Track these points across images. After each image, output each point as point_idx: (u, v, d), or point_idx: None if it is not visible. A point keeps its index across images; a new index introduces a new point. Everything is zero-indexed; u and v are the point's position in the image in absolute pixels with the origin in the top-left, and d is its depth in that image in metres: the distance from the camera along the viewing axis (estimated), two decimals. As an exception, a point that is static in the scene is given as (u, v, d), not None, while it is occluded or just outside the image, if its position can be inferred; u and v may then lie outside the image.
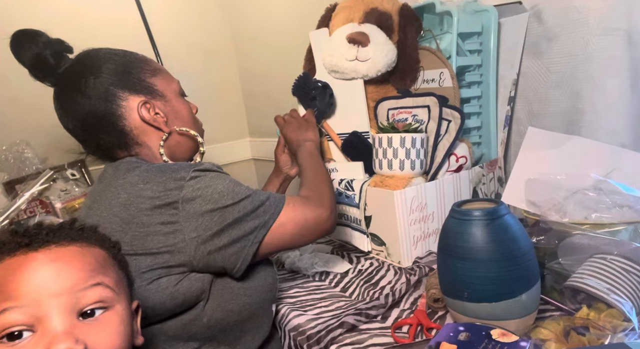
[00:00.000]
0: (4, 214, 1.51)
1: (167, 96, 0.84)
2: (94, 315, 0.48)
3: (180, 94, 0.88)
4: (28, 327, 0.44)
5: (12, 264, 0.47)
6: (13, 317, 0.44)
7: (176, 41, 1.84)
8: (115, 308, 0.50)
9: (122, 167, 0.76)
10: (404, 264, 0.96)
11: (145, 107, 0.80)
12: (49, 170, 1.57)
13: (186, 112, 0.87)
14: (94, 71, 0.78)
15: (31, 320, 0.44)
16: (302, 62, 1.19)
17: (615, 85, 0.86)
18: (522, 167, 0.88)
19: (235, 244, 0.71)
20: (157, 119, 0.81)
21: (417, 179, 0.96)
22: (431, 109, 0.99)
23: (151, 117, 0.80)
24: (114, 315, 0.50)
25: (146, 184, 0.70)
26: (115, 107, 0.78)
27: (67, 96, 0.78)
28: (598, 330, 0.56)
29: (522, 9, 1.00)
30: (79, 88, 0.77)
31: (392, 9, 1.06)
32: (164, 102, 0.83)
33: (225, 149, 2.05)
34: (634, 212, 0.68)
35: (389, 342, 0.70)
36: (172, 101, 0.85)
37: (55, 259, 0.48)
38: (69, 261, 0.48)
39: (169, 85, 0.85)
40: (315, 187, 0.86)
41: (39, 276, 0.46)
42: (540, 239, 0.73)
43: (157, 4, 1.80)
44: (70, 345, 0.43)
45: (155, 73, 0.84)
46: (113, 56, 0.81)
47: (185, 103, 0.88)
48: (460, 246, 0.63)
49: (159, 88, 0.83)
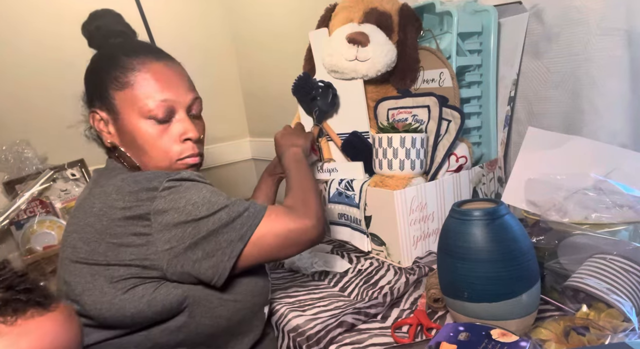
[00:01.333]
0: (4, 214, 1.51)
1: (121, 113, 0.76)
2: None
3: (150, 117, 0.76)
4: None
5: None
6: None
7: (176, 41, 1.82)
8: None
9: (104, 174, 0.77)
10: (404, 264, 0.96)
11: (93, 116, 0.79)
12: (49, 170, 1.57)
13: (142, 136, 0.76)
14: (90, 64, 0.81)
15: None
16: (302, 62, 1.19)
17: (615, 85, 0.86)
18: (522, 167, 0.88)
19: (210, 258, 0.68)
20: (102, 131, 0.79)
21: (417, 179, 0.96)
22: (431, 109, 0.99)
23: (97, 126, 0.80)
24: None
25: (118, 194, 0.68)
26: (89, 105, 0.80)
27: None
28: (598, 330, 0.56)
29: (522, 9, 1.00)
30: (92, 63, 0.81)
31: (392, 9, 1.06)
32: (114, 120, 0.78)
33: (225, 149, 2.05)
34: (634, 212, 0.68)
35: (389, 342, 0.70)
36: (124, 121, 0.76)
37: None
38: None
39: (134, 103, 0.76)
40: (300, 195, 0.81)
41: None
42: (540, 239, 0.73)
43: (157, 4, 1.80)
44: None
45: (122, 87, 0.76)
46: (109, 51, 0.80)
47: (148, 127, 0.76)
48: (460, 246, 0.63)
49: (116, 104, 0.76)
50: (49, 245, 1.54)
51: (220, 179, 2.05)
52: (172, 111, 0.78)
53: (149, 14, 1.73)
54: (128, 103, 0.76)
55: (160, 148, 0.78)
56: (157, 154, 0.78)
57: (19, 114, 1.54)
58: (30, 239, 1.52)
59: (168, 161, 0.78)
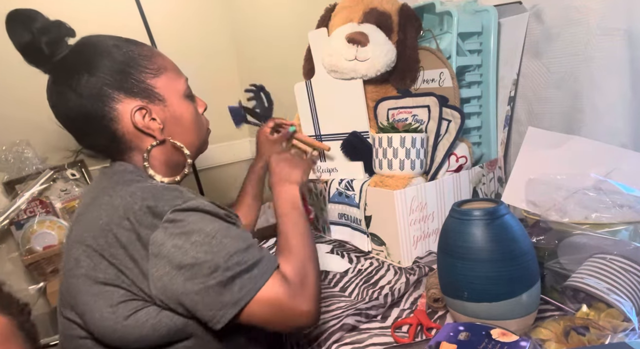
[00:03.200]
0: (4, 214, 1.51)
1: (167, 99, 0.76)
2: None
3: (186, 95, 0.79)
4: None
5: None
6: None
7: (176, 41, 1.84)
8: None
9: (114, 179, 0.71)
10: (404, 264, 0.96)
11: (141, 112, 0.73)
12: (49, 170, 1.57)
13: (189, 116, 0.79)
14: (89, 67, 0.71)
15: None
16: (301, 62, 1.19)
17: (615, 85, 0.86)
18: (522, 167, 0.88)
19: (199, 311, 0.62)
20: (151, 126, 0.74)
21: (417, 179, 0.96)
22: (431, 109, 0.99)
23: (145, 124, 0.74)
24: None
25: (126, 212, 0.63)
26: (107, 109, 0.71)
27: (59, 90, 0.72)
28: (598, 330, 0.56)
29: (522, 9, 1.00)
30: (70, 84, 0.70)
31: (392, 9, 1.06)
32: (162, 107, 0.76)
33: (225, 149, 2.05)
34: (634, 212, 0.68)
35: (389, 342, 0.70)
36: (173, 105, 0.77)
37: None
38: None
39: (172, 86, 0.77)
40: (299, 266, 0.70)
41: None
42: (540, 239, 0.73)
43: (157, 4, 1.80)
44: None
45: (158, 73, 0.76)
46: (113, 50, 0.73)
47: (189, 105, 0.80)
48: (460, 246, 0.63)
49: (160, 91, 0.76)
50: (49, 245, 1.54)
51: (220, 179, 2.05)
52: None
53: (149, 14, 1.74)
54: (169, 86, 0.77)
55: (199, 123, 0.82)
56: (198, 130, 0.82)
57: (19, 114, 1.54)
58: (30, 239, 1.53)
59: (204, 133, 0.84)
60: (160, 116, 0.76)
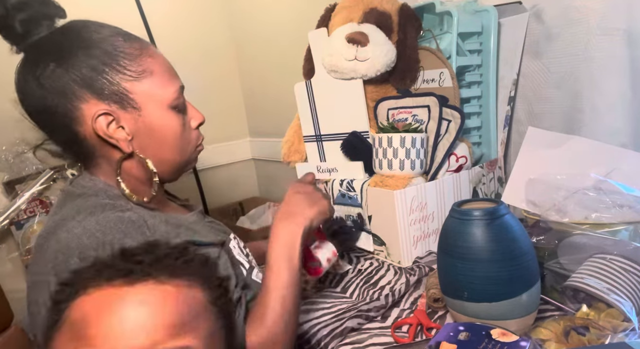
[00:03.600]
0: (4, 214, 1.51)
1: (144, 108, 0.67)
2: None
3: (172, 106, 0.69)
4: None
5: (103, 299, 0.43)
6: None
7: (176, 41, 1.84)
8: None
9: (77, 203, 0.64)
10: (404, 264, 0.96)
11: (105, 118, 0.65)
12: (49, 170, 1.57)
13: (170, 130, 0.69)
14: (60, 57, 0.63)
15: None
16: (302, 62, 1.19)
17: (615, 85, 0.86)
18: (522, 167, 0.88)
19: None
20: (115, 135, 0.66)
21: (417, 179, 0.96)
22: (431, 109, 0.99)
23: (107, 133, 0.65)
24: None
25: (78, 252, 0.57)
26: (70, 108, 0.64)
27: (24, 76, 0.65)
28: (598, 330, 0.56)
29: (522, 9, 1.00)
30: (35, 72, 0.64)
31: (392, 9, 1.06)
32: (136, 116, 0.67)
33: (225, 149, 2.05)
34: (634, 212, 0.68)
35: (389, 342, 0.70)
36: (150, 116, 0.67)
37: (144, 302, 0.43)
38: (158, 308, 0.43)
39: (154, 94, 0.68)
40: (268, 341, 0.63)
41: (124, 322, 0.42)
42: (540, 239, 0.73)
43: (157, 4, 1.80)
44: None
45: (140, 76, 0.67)
46: (94, 42, 0.65)
47: (174, 118, 0.70)
48: (460, 246, 0.63)
49: (136, 97, 0.66)
50: (49, 245, 1.54)
51: (220, 179, 2.05)
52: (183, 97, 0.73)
53: (149, 14, 1.74)
54: (150, 93, 0.67)
55: (185, 139, 0.72)
56: (182, 146, 0.72)
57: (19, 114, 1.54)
58: (30, 239, 1.53)
59: (189, 151, 0.74)
60: (131, 126, 0.67)
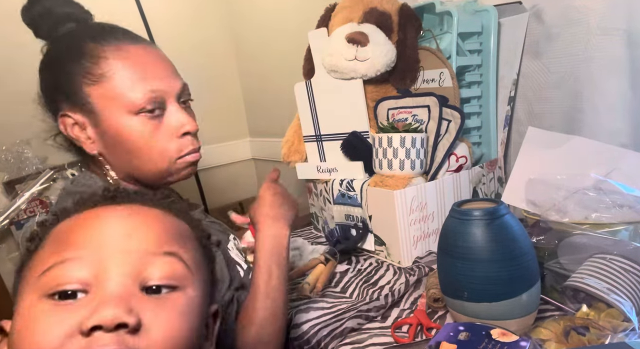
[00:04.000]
0: (4, 214, 1.51)
1: (102, 113, 0.65)
2: (159, 292, 0.39)
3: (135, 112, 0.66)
4: (83, 288, 0.38)
5: (87, 215, 0.42)
6: (69, 270, 0.38)
7: (176, 41, 1.84)
8: (186, 291, 0.41)
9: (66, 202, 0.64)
10: (404, 264, 0.96)
11: (68, 120, 0.67)
12: (49, 170, 1.57)
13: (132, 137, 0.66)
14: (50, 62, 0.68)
15: (88, 277, 0.38)
16: (301, 62, 1.19)
17: (615, 85, 0.86)
18: (522, 167, 0.88)
19: None
20: (78, 137, 0.68)
21: (417, 179, 0.96)
22: (431, 109, 0.99)
23: (70, 134, 0.67)
24: (183, 297, 0.41)
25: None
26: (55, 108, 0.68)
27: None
28: (598, 330, 0.56)
29: (522, 9, 1.00)
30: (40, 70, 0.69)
31: (392, 8, 1.06)
32: (96, 121, 0.66)
33: (225, 149, 2.05)
34: (634, 212, 0.68)
35: (389, 342, 0.70)
36: (108, 121, 0.66)
37: (133, 214, 0.42)
38: (148, 220, 0.42)
39: (113, 99, 0.65)
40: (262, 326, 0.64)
41: (111, 228, 0.40)
42: (540, 239, 0.73)
43: (157, 4, 1.80)
44: (120, 314, 0.36)
45: (97, 80, 0.65)
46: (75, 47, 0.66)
47: (139, 125, 0.66)
48: (460, 246, 0.63)
49: (94, 101, 0.65)
50: (49, 245, 1.54)
51: (220, 179, 2.05)
52: (163, 102, 0.68)
53: (149, 13, 1.74)
54: (109, 99, 0.65)
55: (155, 148, 0.68)
56: (152, 155, 0.68)
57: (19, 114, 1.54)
58: (30, 239, 1.52)
59: (167, 161, 0.69)
60: (92, 129, 0.67)
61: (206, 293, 0.46)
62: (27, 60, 0.71)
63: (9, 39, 0.70)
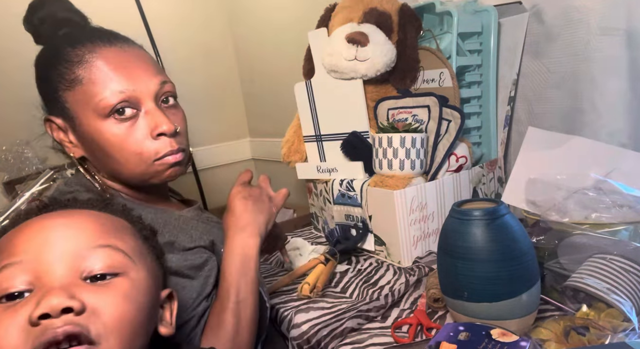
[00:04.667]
0: (4, 214, 1.50)
1: (78, 118, 0.65)
2: (104, 279, 0.42)
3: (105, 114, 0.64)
4: (27, 288, 0.40)
5: (24, 226, 0.45)
6: (12, 274, 0.40)
7: (176, 41, 1.84)
8: (129, 275, 0.44)
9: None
10: (404, 264, 0.96)
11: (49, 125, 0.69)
12: (49, 170, 1.57)
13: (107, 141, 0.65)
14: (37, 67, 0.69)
15: (30, 278, 0.41)
16: (301, 62, 1.19)
17: (615, 85, 0.86)
18: (522, 167, 0.88)
19: None
20: (63, 143, 0.69)
21: (417, 179, 0.96)
22: (431, 109, 0.99)
23: (55, 137, 0.69)
24: (126, 281, 0.43)
25: None
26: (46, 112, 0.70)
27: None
28: (598, 330, 0.56)
29: (522, 9, 1.00)
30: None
31: (392, 9, 1.06)
32: (74, 125, 0.66)
33: (225, 149, 2.05)
34: (634, 212, 0.68)
35: (389, 342, 0.70)
36: (84, 125, 0.65)
37: (66, 217, 0.45)
38: (80, 220, 0.45)
39: (85, 102, 0.64)
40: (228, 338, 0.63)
41: (45, 234, 0.43)
42: (540, 239, 0.73)
43: (157, 4, 1.80)
44: (62, 300, 0.38)
45: (71, 85, 0.65)
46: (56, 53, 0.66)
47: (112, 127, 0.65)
48: (460, 246, 0.63)
49: (70, 106, 0.65)
50: (49, 245, 1.53)
51: (220, 179, 2.05)
52: (136, 102, 0.66)
53: (149, 14, 1.74)
54: (82, 103, 0.64)
55: (130, 150, 0.66)
56: (128, 158, 0.66)
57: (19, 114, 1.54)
58: (30, 239, 1.52)
59: (143, 164, 0.67)
60: (72, 133, 0.68)
61: (153, 278, 0.48)
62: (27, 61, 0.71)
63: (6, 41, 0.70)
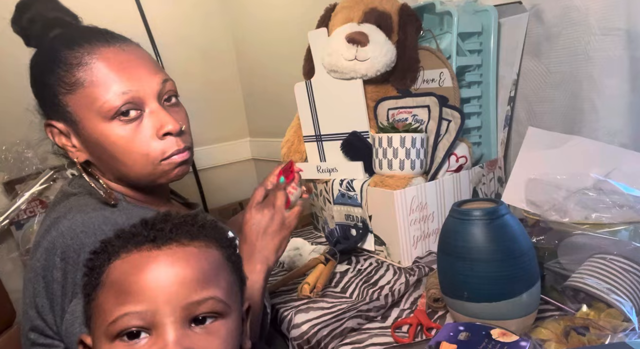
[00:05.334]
0: (4, 214, 1.51)
1: (81, 121, 0.64)
2: (204, 323, 0.49)
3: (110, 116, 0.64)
4: (145, 329, 0.47)
5: (137, 261, 0.48)
6: (133, 322, 0.46)
7: (176, 41, 1.84)
8: (225, 319, 0.51)
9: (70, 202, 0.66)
10: (404, 264, 0.96)
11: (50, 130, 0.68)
12: (49, 170, 1.57)
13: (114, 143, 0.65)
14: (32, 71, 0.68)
15: (148, 325, 0.47)
16: (302, 62, 1.19)
17: (615, 85, 0.86)
18: (522, 167, 0.88)
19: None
20: (66, 147, 0.68)
21: (417, 179, 0.96)
22: (431, 109, 0.99)
23: (57, 142, 0.68)
24: (223, 326, 0.50)
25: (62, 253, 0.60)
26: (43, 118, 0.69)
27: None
28: (598, 330, 0.56)
29: (522, 9, 1.00)
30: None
31: (392, 8, 1.06)
32: (77, 129, 0.65)
33: (225, 149, 2.05)
34: (634, 212, 0.68)
35: (389, 342, 0.70)
36: (88, 128, 0.65)
37: (174, 262, 0.49)
38: (186, 266, 0.49)
39: (88, 106, 0.63)
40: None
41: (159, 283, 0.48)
42: (540, 239, 0.73)
43: (157, 4, 1.80)
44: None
45: (72, 89, 0.63)
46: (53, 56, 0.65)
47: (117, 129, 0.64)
48: (460, 246, 0.63)
49: (72, 110, 0.64)
50: (49, 245, 1.53)
51: (220, 179, 2.05)
52: (140, 103, 0.65)
53: (149, 14, 1.74)
54: (85, 107, 0.63)
55: (137, 152, 0.65)
56: (135, 159, 0.66)
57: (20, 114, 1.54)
58: (30, 239, 1.52)
59: (151, 164, 0.67)
60: (75, 137, 0.67)
61: (240, 305, 0.54)
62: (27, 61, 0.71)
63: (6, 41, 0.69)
